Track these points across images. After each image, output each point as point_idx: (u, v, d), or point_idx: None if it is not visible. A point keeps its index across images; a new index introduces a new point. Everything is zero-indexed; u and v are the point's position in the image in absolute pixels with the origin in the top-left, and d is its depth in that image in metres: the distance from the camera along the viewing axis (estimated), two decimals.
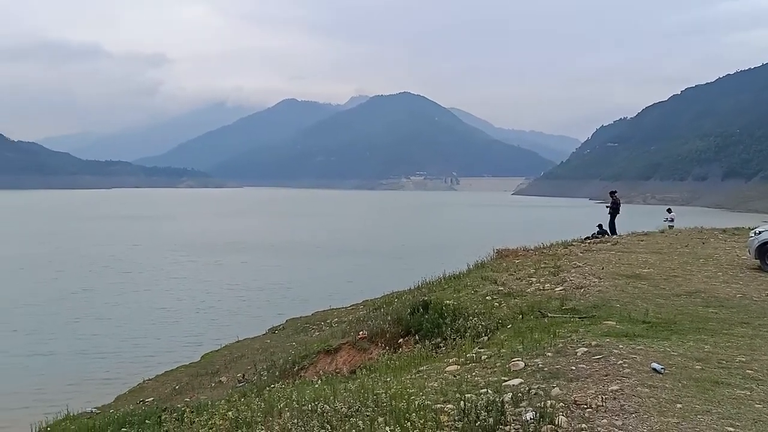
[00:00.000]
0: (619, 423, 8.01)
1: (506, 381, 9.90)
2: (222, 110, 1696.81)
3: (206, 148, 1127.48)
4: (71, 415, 20.35)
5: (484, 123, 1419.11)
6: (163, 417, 15.55)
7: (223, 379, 27.05)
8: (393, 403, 8.91)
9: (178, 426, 11.02)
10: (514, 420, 8.10)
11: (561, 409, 8.35)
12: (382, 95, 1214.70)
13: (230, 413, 9.74)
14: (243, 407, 10.23)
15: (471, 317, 17.08)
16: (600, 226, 36.85)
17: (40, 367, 63.11)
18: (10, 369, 62.24)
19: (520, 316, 16.19)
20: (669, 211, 44.05)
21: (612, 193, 38.52)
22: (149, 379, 31.25)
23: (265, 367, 24.89)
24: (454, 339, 16.23)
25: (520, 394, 9.03)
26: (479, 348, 13.39)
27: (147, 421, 15.05)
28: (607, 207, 37.89)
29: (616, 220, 37.08)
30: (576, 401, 8.69)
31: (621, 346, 11.56)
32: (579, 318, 14.80)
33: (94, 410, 23.55)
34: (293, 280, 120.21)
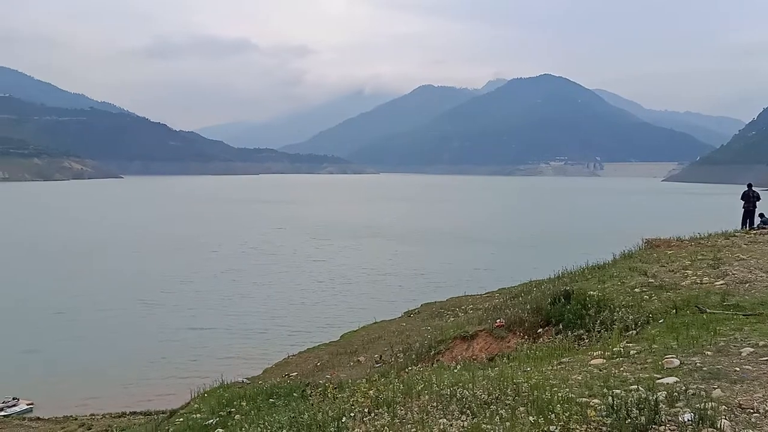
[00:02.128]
0: None
1: (659, 379, 9.29)
2: (360, 98, 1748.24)
3: (345, 135, 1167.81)
4: (225, 383, 22.07)
5: (632, 104, 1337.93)
6: (306, 391, 16.40)
7: (361, 358, 27.94)
8: (535, 393, 8.68)
9: (322, 400, 11.54)
10: (669, 420, 7.56)
11: (723, 413, 7.67)
12: (520, 78, 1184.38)
13: (371, 392, 10.01)
14: (383, 387, 10.46)
15: (618, 309, 16.19)
16: (762, 215, 33.09)
17: (196, 340, 69.50)
18: (171, 341, 69.13)
19: (674, 310, 15.10)
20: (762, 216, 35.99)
21: (749, 186, 34.94)
22: (293, 355, 33.07)
23: (401, 349, 25.36)
24: (599, 331, 15.51)
25: (675, 394, 8.41)
26: (627, 342, 12.66)
27: (294, 393, 15.90)
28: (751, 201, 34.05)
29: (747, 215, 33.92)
30: (741, 405, 7.93)
31: None
32: (744, 315, 13.48)
33: (245, 380, 25.36)
34: (427, 266, 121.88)
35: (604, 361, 11.37)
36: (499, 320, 20.59)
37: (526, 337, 18.30)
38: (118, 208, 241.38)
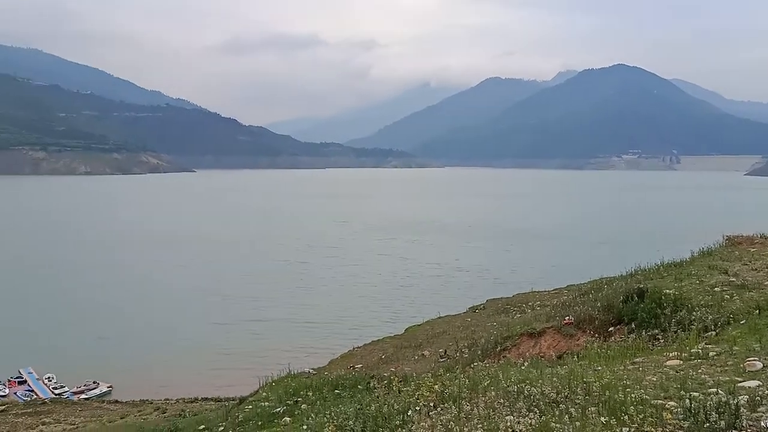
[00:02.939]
0: None
1: (740, 382, 8.82)
2: (427, 91, 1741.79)
3: (411, 128, 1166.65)
4: (292, 373, 22.54)
5: (712, 95, 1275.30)
6: (371, 383, 16.51)
7: (426, 353, 27.94)
8: (607, 393, 8.42)
9: (387, 393, 11.59)
10: (750, 425, 7.18)
11: None
12: (592, 69, 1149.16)
13: (436, 386, 9.97)
14: (448, 382, 10.39)
15: (696, 309, 15.49)
16: None
17: (263, 331, 71.41)
18: (239, 332, 71.23)
19: (757, 311, 14.30)
20: None
21: None
22: (358, 347, 33.44)
23: (466, 344, 25.19)
24: (675, 331, 14.89)
25: (758, 398, 7.97)
26: (706, 343, 12.10)
27: (359, 385, 16.05)
28: None
29: None
30: None
31: None
32: None
33: (311, 371, 25.82)
34: (492, 262, 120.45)
35: (681, 362, 10.94)
36: (568, 317, 20.09)
37: (596, 335, 17.77)
38: (192, 202, 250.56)
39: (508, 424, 7.71)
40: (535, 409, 8.13)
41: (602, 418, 7.44)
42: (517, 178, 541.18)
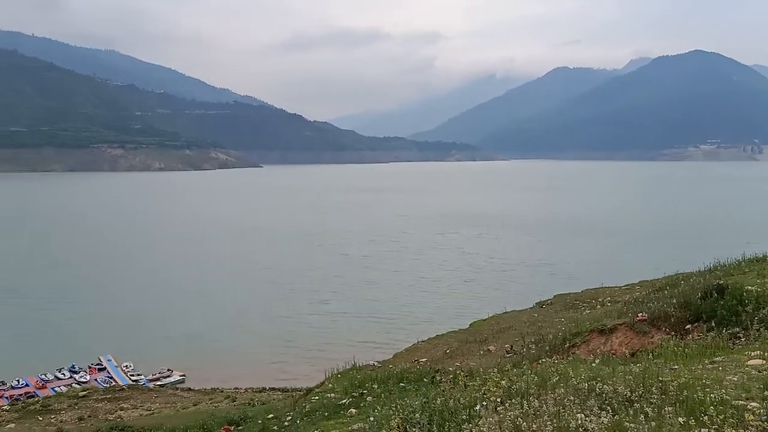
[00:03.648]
0: None
1: None
2: (491, 83, 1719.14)
3: (475, 121, 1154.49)
4: (357, 365, 22.77)
5: None
6: (436, 377, 16.47)
7: (492, 348, 27.60)
8: (684, 393, 8.07)
9: (453, 387, 11.51)
10: None
11: None
12: (666, 56, 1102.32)
13: (503, 382, 9.82)
14: (515, 378, 10.22)
15: None
16: None
17: (328, 324, 72.39)
18: (304, 324, 72.45)
19: None
20: None
21: None
22: (422, 341, 33.34)
23: (533, 340, 24.73)
24: (758, 330, 14.12)
25: None
26: None
27: (424, 379, 16.05)
28: None
29: None
30: None
31: None
32: None
33: (376, 363, 26.00)
34: (560, 256, 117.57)
35: (764, 362, 10.40)
36: (641, 314, 19.37)
37: (672, 333, 17.06)
38: (260, 197, 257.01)
39: (579, 422, 7.52)
40: (608, 407, 7.90)
41: (680, 419, 7.16)
42: (585, 170, 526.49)
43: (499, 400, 8.82)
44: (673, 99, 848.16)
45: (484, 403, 8.68)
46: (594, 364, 11.56)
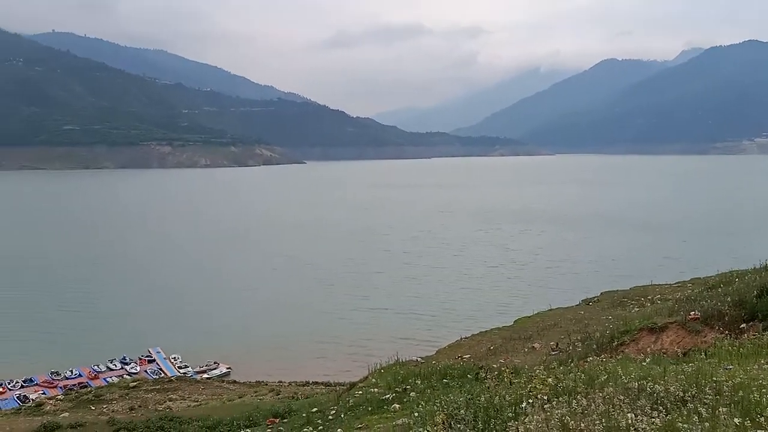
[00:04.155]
0: None
1: None
2: (535, 77, 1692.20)
3: (519, 115, 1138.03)
4: (400, 361, 22.76)
5: None
6: (480, 374, 16.30)
7: (536, 345, 27.22)
8: (740, 393, 7.78)
9: (498, 385, 11.37)
10: None
11: None
12: (720, 46, 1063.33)
13: (549, 379, 9.65)
14: (562, 375, 10.04)
15: None
16: None
17: (370, 320, 72.57)
18: (346, 320, 72.81)
19: None
20: None
21: None
22: (465, 338, 33.17)
23: (579, 338, 24.27)
24: None
25: None
26: None
27: (468, 375, 15.93)
28: None
29: None
30: None
31: None
32: None
33: (419, 359, 25.97)
34: (606, 253, 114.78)
35: None
36: (693, 312, 18.80)
37: (726, 332, 16.50)
38: (304, 193, 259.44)
39: (629, 421, 7.33)
40: (660, 407, 7.68)
41: (735, 420, 6.91)
42: (633, 164, 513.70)
43: (545, 397, 8.68)
44: (726, 90, 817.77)
45: (530, 401, 8.55)
46: (644, 363, 11.28)
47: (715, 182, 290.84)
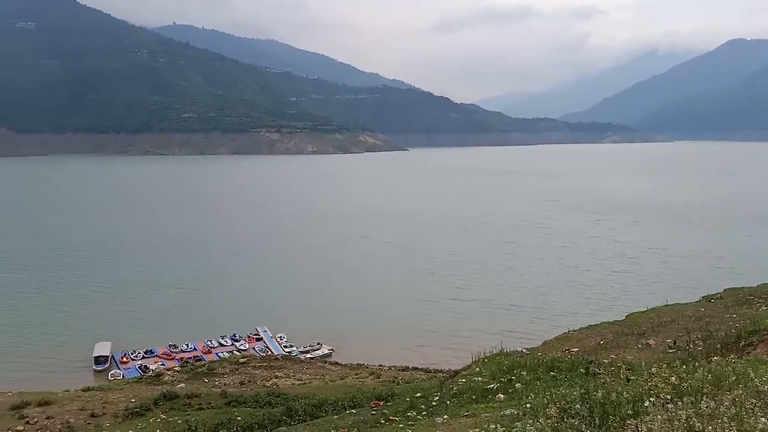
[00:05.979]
0: None
1: None
2: (652, 59, 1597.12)
3: (633, 100, 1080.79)
4: (504, 351, 22.33)
5: None
6: (590, 368, 15.64)
7: (651, 342, 25.80)
8: None
9: (613, 380, 10.86)
10: None
11: None
12: None
13: (672, 378, 9.12)
14: (685, 375, 9.44)
15: None
16: None
17: (468, 310, 71.74)
18: (444, 309, 72.06)
19: None
20: None
21: None
22: (573, 331, 32.02)
23: (700, 336, 22.74)
24: None
25: None
26: None
27: (580, 369, 15.35)
28: None
29: None
30: None
31: None
32: None
33: (524, 350, 25.37)
34: (729, 249, 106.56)
35: None
36: None
37: None
38: (407, 180, 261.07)
39: (762, 426, 6.83)
40: None
41: None
42: (762, 152, 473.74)
43: (668, 397, 8.21)
44: None
45: (652, 399, 8.10)
46: None
47: None
